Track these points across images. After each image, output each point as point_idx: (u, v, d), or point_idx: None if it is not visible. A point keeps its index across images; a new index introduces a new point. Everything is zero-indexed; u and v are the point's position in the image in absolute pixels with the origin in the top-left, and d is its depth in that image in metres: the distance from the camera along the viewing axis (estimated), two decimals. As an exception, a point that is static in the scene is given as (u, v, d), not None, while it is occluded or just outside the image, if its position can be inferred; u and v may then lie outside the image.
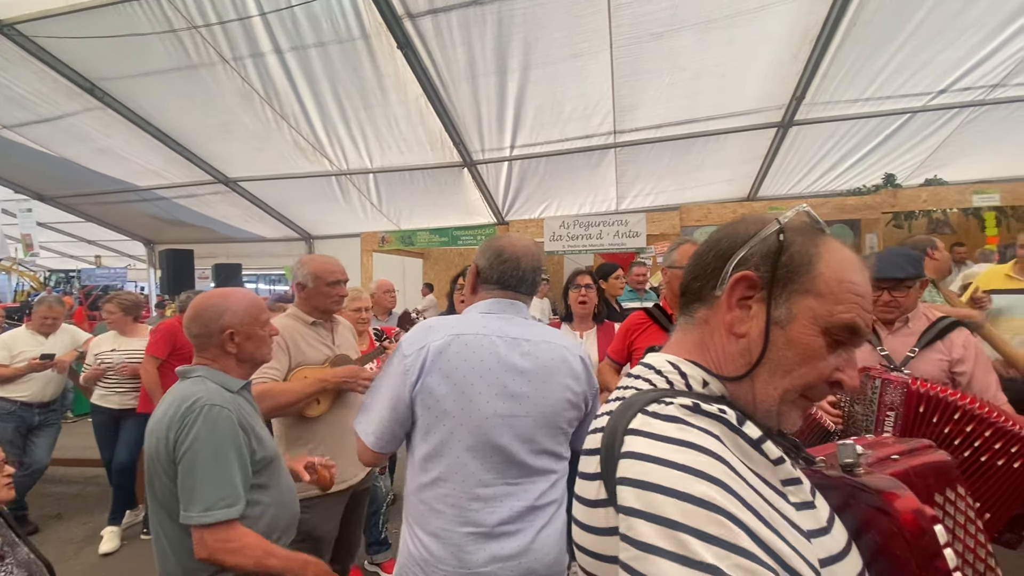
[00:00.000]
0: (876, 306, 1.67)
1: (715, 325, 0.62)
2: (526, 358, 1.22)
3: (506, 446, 1.18)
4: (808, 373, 0.57)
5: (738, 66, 4.07)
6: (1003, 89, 4.10)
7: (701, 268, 0.64)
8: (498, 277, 1.31)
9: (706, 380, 0.60)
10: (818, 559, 0.47)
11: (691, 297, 0.65)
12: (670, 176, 5.54)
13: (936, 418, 1.41)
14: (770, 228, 0.60)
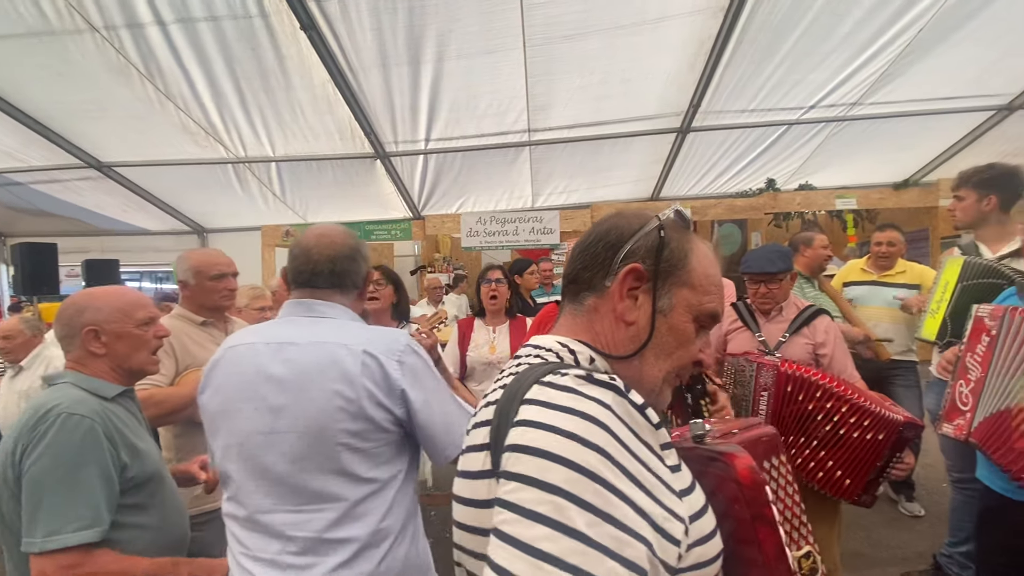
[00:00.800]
0: (755, 298, 1.86)
1: (604, 312, 0.66)
2: (286, 365, 1.06)
3: (271, 466, 1.04)
4: (684, 355, 0.66)
5: (642, 73, 4.31)
6: (860, 107, 4.72)
7: (591, 258, 0.68)
8: (292, 275, 1.20)
9: (593, 357, 0.64)
10: (687, 516, 0.52)
11: (581, 285, 0.69)
12: (582, 175, 5.75)
13: (802, 396, 1.60)
14: (652, 224, 0.66)
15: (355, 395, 1.04)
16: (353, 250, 1.22)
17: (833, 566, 1.77)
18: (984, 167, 2.05)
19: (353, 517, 1.04)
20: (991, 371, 1.31)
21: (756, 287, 1.84)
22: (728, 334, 1.97)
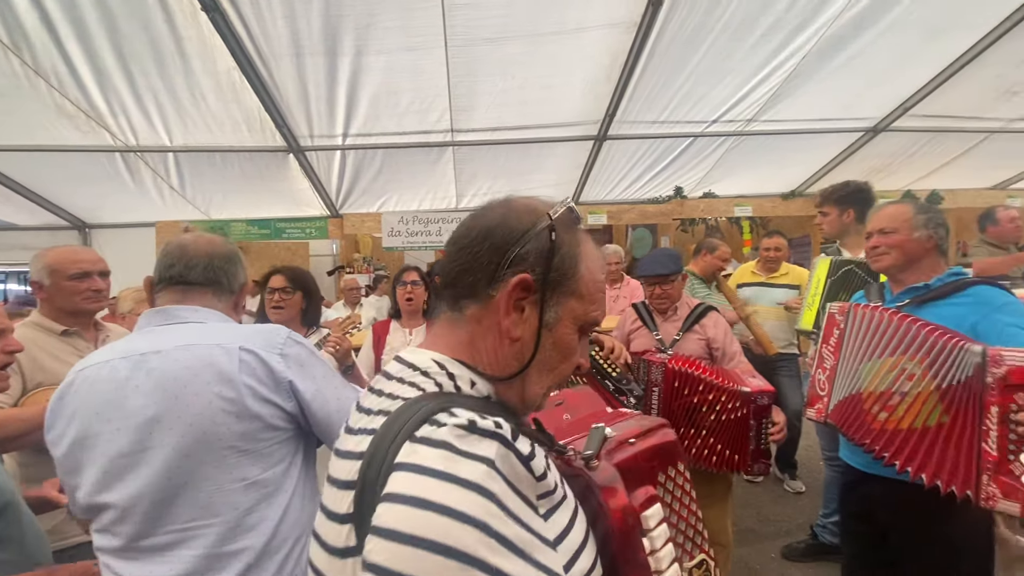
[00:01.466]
0: (651, 298, 2.00)
1: (488, 326, 0.60)
2: (152, 376, 0.99)
3: (145, 487, 0.97)
4: (568, 367, 0.62)
5: (562, 80, 4.44)
6: (755, 124, 5.18)
7: (473, 260, 0.60)
8: (161, 272, 1.11)
9: (474, 380, 0.58)
10: (563, 565, 0.48)
11: (461, 291, 0.61)
12: (505, 177, 5.81)
13: (687, 391, 1.75)
14: (542, 223, 0.59)
15: (236, 394, 0.99)
16: (232, 252, 1.15)
17: (726, 541, 1.95)
18: (841, 185, 2.37)
19: (246, 527, 0.99)
20: (842, 360, 1.49)
21: (652, 288, 1.99)
22: (631, 334, 2.10)
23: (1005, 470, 1.14)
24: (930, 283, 1.49)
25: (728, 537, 1.95)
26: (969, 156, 5.98)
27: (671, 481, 0.59)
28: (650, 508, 0.54)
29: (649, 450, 0.58)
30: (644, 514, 0.53)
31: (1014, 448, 1.13)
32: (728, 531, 1.95)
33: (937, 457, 1.25)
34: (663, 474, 0.59)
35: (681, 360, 1.80)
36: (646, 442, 0.59)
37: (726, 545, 1.94)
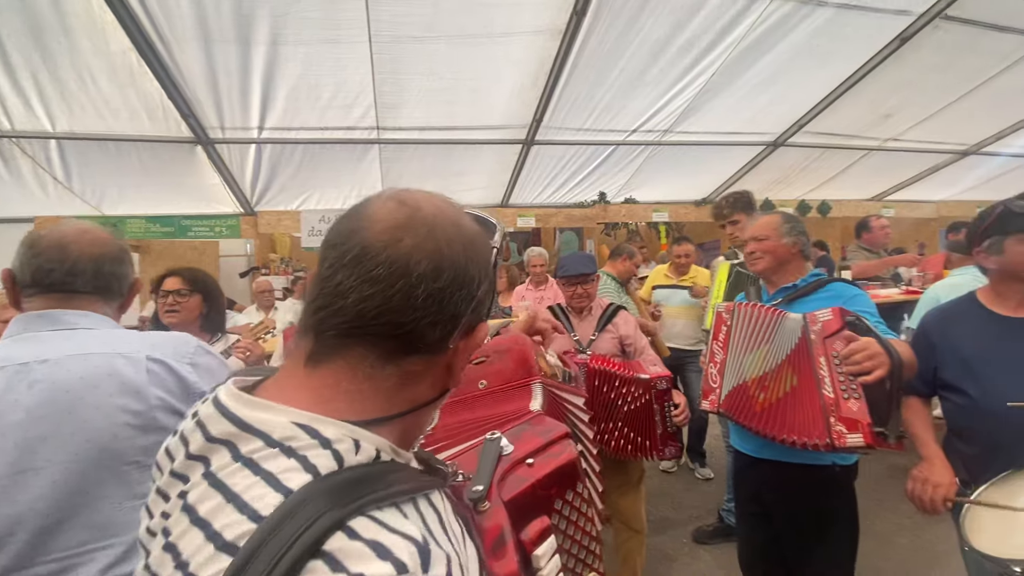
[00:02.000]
0: (572, 298, 2.08)
1: (425, 378, 0.50)
2: (37, 388, 0.89)
3: (27, 512, 0.86)
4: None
5: (489, 83, 4.47)
6: (671, 134, 5.50)
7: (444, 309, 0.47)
8: (34, 275, 0.97)
9: (356, 440, 0.44)
10: None
11: (417, 346, 0.47)
12: (434, 177, 5.74)
13: (606, 388, 1.84)
14: (493, 256, 0.53)
15: (144, 407, 0.93)
16: (122, 252, 1.06)
17: (641, 527, 2.08)
18: (741, 194, 2.60)
19: None
20: (730, 353, 1.64)
21: (573, 288, 2.08)
22: None
23: (844, 408, 1.32)
24: (797, 283, 1.70)
25: (642, 523, 2.07)
26: (852, 170, 6.72)
27: (568, 506, 0.55)
28: (543, 544, 0.51)
29: (547, 478, 0.54)
30: (536, 553, 0.50)
31: (845, 386, 1.32)
32: (642, 517, 2.07)
33: (798, 418, 1.42)
34: (561, 499, 0.55)
35: (599, 359, 1.90)
36: (545, 466, 0.54)
37: (640, 531, 2.07)
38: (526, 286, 3.77)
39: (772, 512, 1.70)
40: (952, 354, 1.46)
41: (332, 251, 0.49)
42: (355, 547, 0.37)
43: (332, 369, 0.47)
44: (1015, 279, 1.39)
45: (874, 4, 4.03)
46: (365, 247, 0.47)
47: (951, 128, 5.96)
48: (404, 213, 0.49)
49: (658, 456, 1.88)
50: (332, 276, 0.47)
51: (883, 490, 2.97)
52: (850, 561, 1.63)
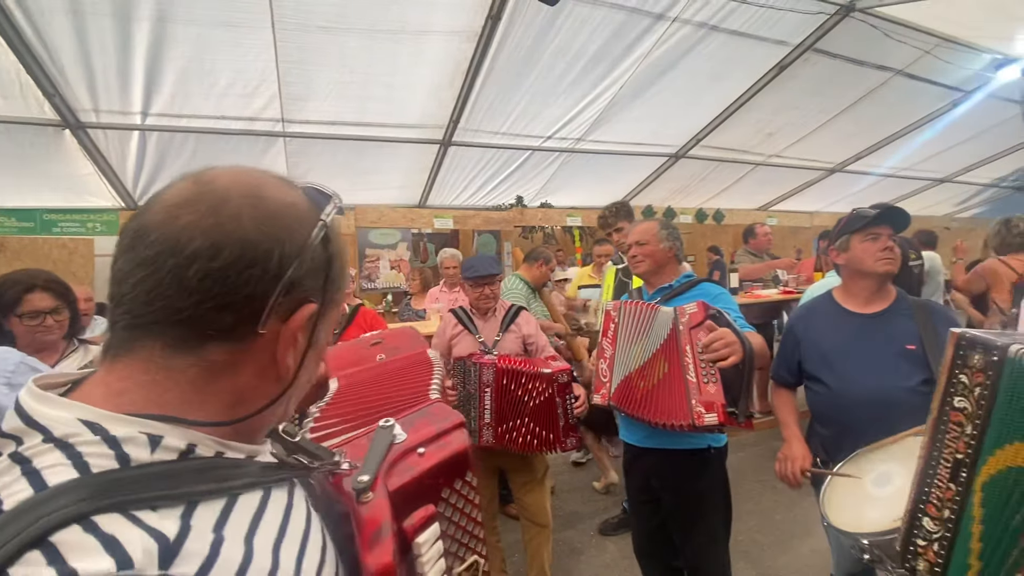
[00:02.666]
0: (479, 299, 2.09)
1: (243, 368, 0.46)
2: None
3: None
4: (317, 370, 0.55)
5: (406, 81, 4.38)
6: (583, 143, 5.72)
7: (233, 291, 0.42)
8: None
9: (156, 437, 0.41)
10: None
11: (206, 332, 0.43)
12: (345, 175, 5.52)
13: (514, 386, 1.88)
14: (318, 232, 0.47)
15: None
16: None
17: (546, 522, 2.14)
18: (622, 203, 2.81)
19: None
20: (618, 348, 1.74)
21: (480, 289, 2.10)
22: (452, 339, 2.17)
23: (704, 391, 1.47)
24: (673, 283, 1.86)
25: (548, 518, 2.13)
26: (742, 182, 7.40)
27: (456, 494, 0.57)
28: (426, 531, 0.53)
29: (435, 467, 0.55)
30: (417, 540, 0.52)
31: (705, 372, 1.48)
32: (548, 513, 2.13)
33: (667, 402, 1.57)
34: (449, 488, 0.56)
35: (506, 359, 1.93)
36: (435, 456, 0.56)
37: (546, 526, 2.12)
38: (440, 288, 3.73)
39: (659, 498, 1.82)
40: (813, 347, 1.65)
41: (120, 237, 0.45)
42: (86, 541, 0.34)
43: (125, 363, 0.44)
44: (860, 275, 1.60)
45: (759, 33, 4.47)
46: (139, 229, 0.43)
47: (822, 148, 6.76)
48: (192, 191, 0.44)
49: (560, 448, 1.94)
50: (114, 263, 0.44)
51: (765, 472, 3.28)
52: (725, 534, 1.81)
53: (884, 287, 1.62)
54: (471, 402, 1.95)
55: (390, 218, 6.03)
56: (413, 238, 6.67)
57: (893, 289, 1.64)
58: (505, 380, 1.88)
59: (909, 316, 1.55)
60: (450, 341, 2.17)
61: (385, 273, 6.08)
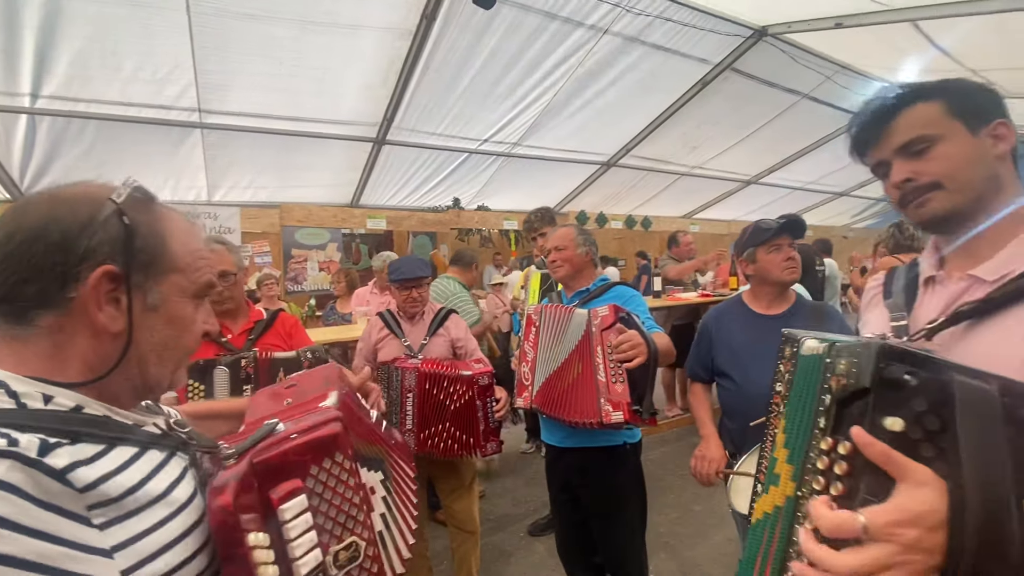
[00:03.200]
0: (406, 302, 2.05)
1: (76, 330, 0.56)
2: None
3: None
4: (188, 339, 0.64)
5: (338, 76, 4.23)
6: (519, 147, 5.79)
7: (30, 267, 0.54)
8: None
9: (48, 395, 0.53)
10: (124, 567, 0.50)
11: (24, 304, 0.54)
12: (272, 171, 5.25)
13: (436, 390, 1.86)
14: (107, 210, 0.56)
15: None
16: None
17: (474, 528, 2.11)
18: (545, 209, 2.87)
19: None
20: (539, 351, 1.77)
21: (408, 292, 2.04)
22: (378, 343, 2.11)
23: (612, 390, 1.54)
24: (590, 287, 1.91)
25: (476, 525, 2.11)
26: (668, 191, 7.79)
27: (325, 472, 0.62)
28: (291, 500, 0.59)
29: (303, 445, 0.61)
30: (282, 507, 0.58)
31: (614, 371, 1.54)
32: (476, 519, 2.11)
33: (580, 401, 1.62)
34: (317, 466, 0.62)
35: (431, 363, 1.90)
36: (305, 437, 0.62)
37: (474, 532, 2.10)
38: (370, 289, 3.61)
39: (579, 496, 1.87)
40: (724, 346, 1.77)
41: None
42: None
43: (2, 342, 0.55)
44: (765, 282, 1.73)
45: (682, 50, 4.73)
46: None
47: (739, 161, 7.26)
48: (19, 203, 0.58)
49: (481, 453, 1.93)
50: None
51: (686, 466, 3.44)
52: (642, 527, 1.89)
53: (785, 292, 1.76)
54: (393, 409, 1.90)
55: (319, 217, 5.80)
56: (344, 239, 6.45)
57: (793, 293, 1.79)
58: (428, 384, 1.85)
59: (807, 317, 1.70)
60: (375, 345, 2.10)
61: (313, 275, 5.83)
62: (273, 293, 4.17)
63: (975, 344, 0.71)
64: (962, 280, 0.76)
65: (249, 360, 1.63)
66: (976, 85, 0.78)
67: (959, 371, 0.50)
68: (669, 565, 2.56)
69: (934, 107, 0.76)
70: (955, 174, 0.74)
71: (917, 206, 0.77)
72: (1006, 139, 0.75)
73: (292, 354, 1.66)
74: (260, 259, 5.50)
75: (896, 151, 0.78)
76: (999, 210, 0.74)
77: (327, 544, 0.61)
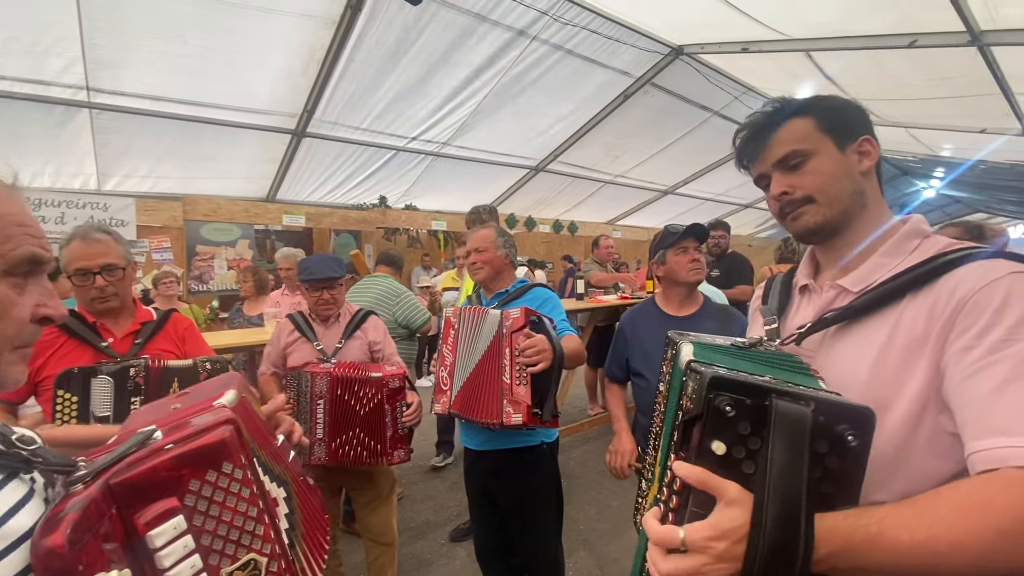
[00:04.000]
0: (317, 304, 1.94)
1: None
2: None
3: None
4: (9, 326, 0.54)
5: (252, 62, 3.96)
6: (449, 147, 5.73)
7: None
8: None
9: None
10: None
11: None
12: (174, 160, 4.81)
13: (347, 396, 1.77)
14: None
15: None
16: None
17: (391, 540, 2.02)
18: (486, 207, 2.86)
19: None
20: (458, 355, 1.75)
21: (319, 294, 1.91)
22: (287, 347, 1.97)
23: (515, 392, 1.57)
24: (508, 289, 1.91)
25: (393, 536, 2.02)
26: (594, 198, 8.06)
27: (211, 486, 0.55)
28: (163, 524, 0.52)
29: (176, 458, 0.53)
30: (151, 533, 0.51)
31: (519, 374, 1.57)
32: (394, 530, 2.02)
33: (487, 402, 1.64)
34: (199, 480, 0.54)
35: (344, 366, 1.80)
36: (183, 447, 0.54)
37: (391, 544, 2.01)
38: (281, 291, 3.37)
39: (497, 499, 1.86)
40: (638, 346, 1.84)
41: None
42: None
43: None
44: (675, 283, 1.83)
45: (607, 62, 4.91)
46: None
47: (658, 172, 7.67)
48: None
49: (388, 461, 1.83)
50: None
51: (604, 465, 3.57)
52: (558, 526, 1.91)
53: (693, 294, 1.86)
54: (302, 418, 1.79)
55: (228, 211, 5.39)
56: (258, 235, 6.05)
57: (701, 295, 1.90)
58: (339, 389, 1.75)
59: (713, 318, 1.81)
60: (284, 350, 1.96)
61: (221, 274, 5.39)
62: (172, 293, 3.80)
63: (839, 349, 0.76)
64: (832, 289, 0.81)
65: (139, 369, 1.44)
66: (843, 102, 0.83)
67: (780, 395, 0.55)
68: (587, 562, 2.62)
69: (806, 123, 0.80)
70: (825, 189, 0.78)
71: (793, 219, 0.82)
72: (870, 155, 0.80)
73: (189, 363, 1.50)
74: (159, 255, 5.01)
75: (774, 165, 0.82)
76: (864, 223, 0.80)
77: (217, 566, 0.54)
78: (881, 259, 0.77)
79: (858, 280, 0.78)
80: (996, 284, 0.63)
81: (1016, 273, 0.63)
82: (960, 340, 0.63)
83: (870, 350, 0.71)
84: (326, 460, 1.79)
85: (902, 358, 0.68)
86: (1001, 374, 0.58)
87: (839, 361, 0.75)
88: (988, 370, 0.59)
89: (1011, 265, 0.65)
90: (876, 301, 0.73)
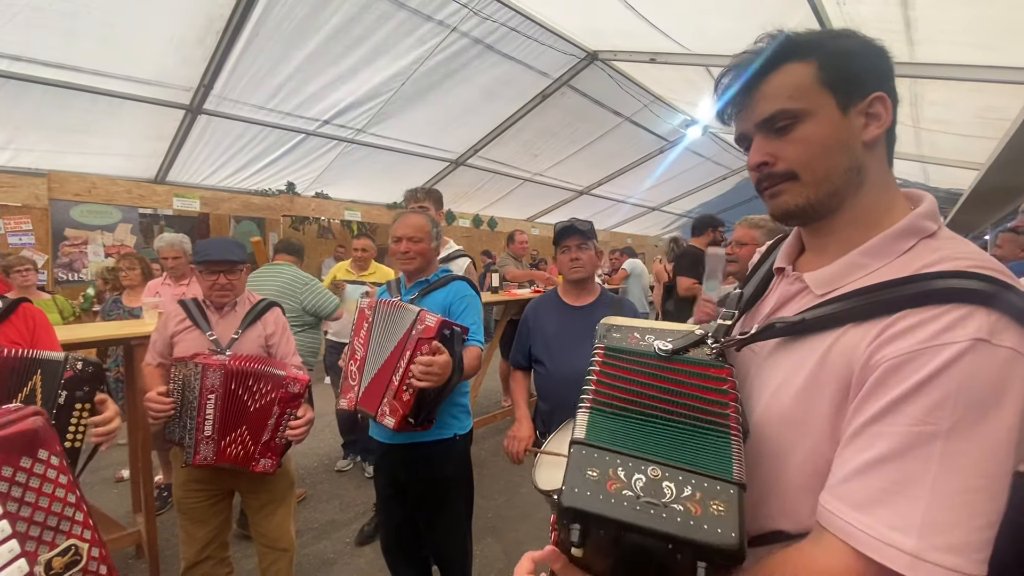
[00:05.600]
0: (212, 289, 1.80)
1: None
2: None
3: None
4: None
5: (137, 26, 3.56)
6: (364, 135, 5.53)
7: None
8: None
9: None
10: None
11: None
12: (39, 131, 4.21)
13: (241, 390, 1.66)
14: None
15: None
16: None
17: (288, 544, 1.91)
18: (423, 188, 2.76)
19: None
20: (370, 349, 1.69)
21: (214, 278, 1.76)
22: (175, 336, 1.80)
23: (399, 396, 1.57)
24: (430, 279, 1.88)
25: (290, 540, 1.89)
26: (514, 195, 8.18)
27: (23, 472, 0.55)
28: None
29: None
30: None
31: (408, 383, 1.56)
32: (290, 534, 1.88)
33: (373, 391, 1.63)
34: (11, 467, 0.54)
35: (241, 359, 1.67)
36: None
37: (288, 548, 1.87)
38: (163, 280, 3.07)
39: (407, 491, 1.83)
40: (539, 335, 1.91)
41: None
42: None
43: None
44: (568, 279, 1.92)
45: (527, 61, 5.00)
46: None
47: (574, 172, 7.94)
48: None
49: (251, 467, 1.69)
50: None
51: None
52: (468, 515, 1.93)
53: (589, 285, 1.96)
54: (187, 412, 1.64)
55: (106, 192, 4.82)
56: (143, 220, 5.47)
57: (598, 287, 2.01)
58: (234, 384, 1.62)
59: (608, 307, 1.91)
60: (172, 338, 1.78)
61: (97, 261, 4.80)
62: (30, 282, 3.34)
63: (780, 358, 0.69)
64: (798, 281, 0.71)
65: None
66: (860, 43, 0.65)
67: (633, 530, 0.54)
68: (494, 548, 2.67)
69: (806, 70, 0.64)
70: (812, 164, 0.64)
71: (770, 196, 0.69)
72: (879, 119, 0.64)
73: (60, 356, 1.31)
74: (17, 239, 4.37)
75: (758, 125, 0.67)
76: (860, 206, 0.66)
77: (35, 552, 0.53)
78: (860, 258, 0.64)
79: (825, 281, 0.67)
80: (942, 350, 0.52)
81: (980, 341, 0.51)
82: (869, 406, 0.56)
83: (802, 371, 0.64)
84: (213, 460, 1.66)
85: (822, 391, 0.61)
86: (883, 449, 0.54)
87: (776, 374, 0.68)
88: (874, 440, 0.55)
89: (985, 324, 0.52)
90: (824, 320, 0.63)
